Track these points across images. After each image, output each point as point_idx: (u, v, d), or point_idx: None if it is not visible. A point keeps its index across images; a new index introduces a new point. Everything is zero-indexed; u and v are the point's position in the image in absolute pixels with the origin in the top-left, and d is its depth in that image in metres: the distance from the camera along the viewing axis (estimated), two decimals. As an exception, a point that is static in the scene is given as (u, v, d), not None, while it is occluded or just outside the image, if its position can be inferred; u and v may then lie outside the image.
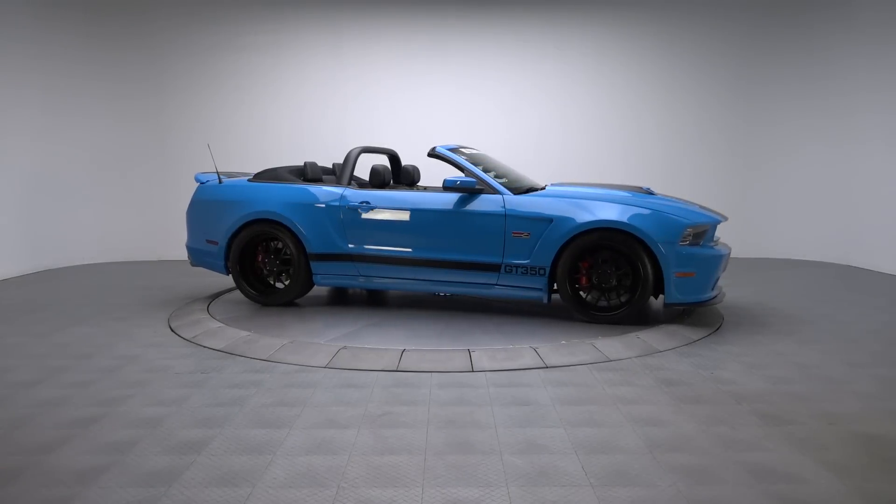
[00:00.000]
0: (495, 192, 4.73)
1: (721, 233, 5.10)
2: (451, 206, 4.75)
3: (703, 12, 8.56)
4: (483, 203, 4.70)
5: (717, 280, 4.58)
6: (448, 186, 4.70)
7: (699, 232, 4.45)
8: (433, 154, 5.00)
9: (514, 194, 4.72)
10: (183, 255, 8.52)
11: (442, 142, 7.71)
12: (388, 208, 4.89)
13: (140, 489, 2.24)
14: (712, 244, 4.60)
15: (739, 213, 8.57)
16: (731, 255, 5.00)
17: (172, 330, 4.59)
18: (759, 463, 2.44)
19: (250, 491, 2.22)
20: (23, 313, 5.17)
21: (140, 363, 3.78)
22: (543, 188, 4.97)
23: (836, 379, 3.47)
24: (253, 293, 5.28)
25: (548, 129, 8.64)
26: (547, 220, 4.51)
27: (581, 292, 4.58)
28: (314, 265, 5.07)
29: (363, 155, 5.76)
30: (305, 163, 5.54)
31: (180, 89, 8.48)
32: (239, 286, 5.32)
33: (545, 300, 4.62)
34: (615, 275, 4.47)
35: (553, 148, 8.57)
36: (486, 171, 5.33)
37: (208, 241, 5.40)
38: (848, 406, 3.05)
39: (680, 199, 4.92)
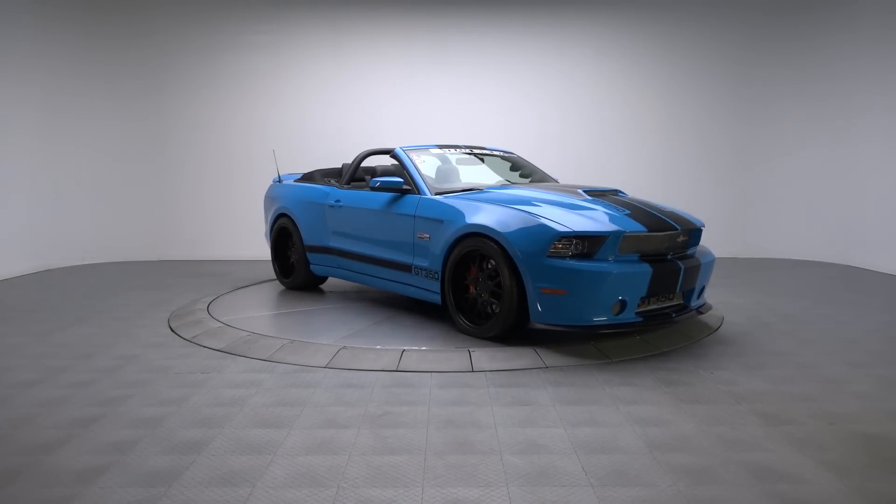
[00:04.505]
0: (418, 192, 4.65)
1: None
2: (383, 207, 4.83)
3: (703, 12, 8.57)
4: (404, 204, 4.67)
5: (627, 303, 3.72)
6: (372, 187, 4.78)
7: (591, 241, 3.71)
8: (392, 156, 5.14)
9: (433, 195, 4.53)
10: (183, 254, 8.60)
11: (443, 141, 7.71)
12: (349, 206, 5.24)
13: (140, 489, 2.24)
14: (635, 257, 3.83)
15: (739, 213, 8.59)
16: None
17: (172, 330, 4.59)
18: (759, 463, 2.44)
19: (250, 491, 2.22)
20: (23, 313, 5.17)
21: (140, 363, 3.78)
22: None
23: (836, 379, 3.47)
24: (278, 273, 6.23)
25: (548, 129, 8.64)
26: (439, 223, 4.30)
27: (467, 300, 4.22)
28: (309, 255, 5.71)
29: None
30: (343, 164, 6.03)
31: (180, 89, 8.48)
32: (273, 268, 6.27)
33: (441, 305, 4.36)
34: (490, 285, 4.05)
35: (553, 148, 8.57)
36: (513, 169, 5.49)
37: (267, 231, 6.42)
38: (848, 406, 3.05)
39: (641, 202, 4.37)
